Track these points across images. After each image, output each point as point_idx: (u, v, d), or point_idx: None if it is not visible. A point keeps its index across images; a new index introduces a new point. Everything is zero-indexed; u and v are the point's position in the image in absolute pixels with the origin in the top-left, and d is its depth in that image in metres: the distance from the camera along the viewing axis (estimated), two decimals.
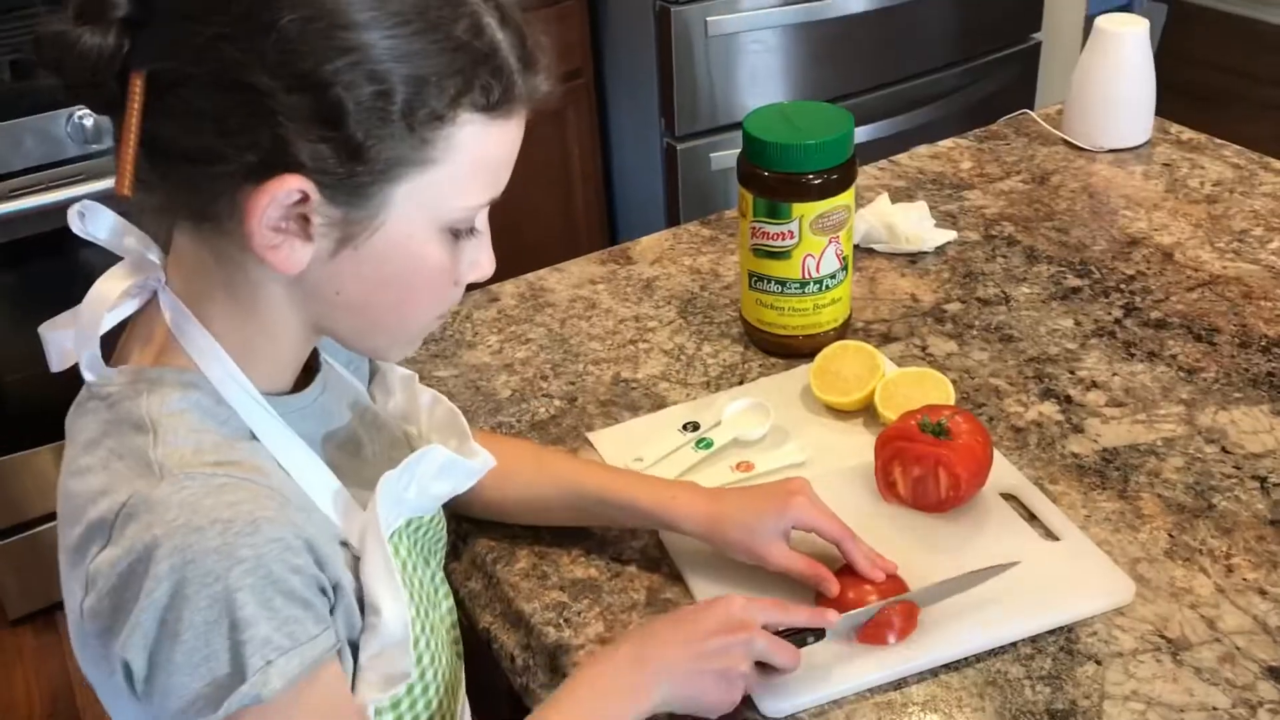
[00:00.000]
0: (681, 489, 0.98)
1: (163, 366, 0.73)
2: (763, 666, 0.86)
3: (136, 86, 0.65)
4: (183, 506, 0.66)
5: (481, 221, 0.76)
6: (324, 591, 0.70)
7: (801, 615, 0.87)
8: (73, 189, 1.91)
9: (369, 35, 0.65)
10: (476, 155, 0.71)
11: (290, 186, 0.66)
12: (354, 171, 0.67)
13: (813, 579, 0.93)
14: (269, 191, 0.66)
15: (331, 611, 0.71)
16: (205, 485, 0.67)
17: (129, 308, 0.75)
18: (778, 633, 0.86)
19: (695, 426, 1.15)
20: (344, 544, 0.76)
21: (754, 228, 1.19)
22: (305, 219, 0.68)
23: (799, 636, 0.87)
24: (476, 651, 0.99)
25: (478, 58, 0.69)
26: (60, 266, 1.86)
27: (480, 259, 0.77)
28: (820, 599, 0.93)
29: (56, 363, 0.75)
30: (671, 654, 0.82)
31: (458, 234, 0.74)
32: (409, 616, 0.75)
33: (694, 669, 0.82)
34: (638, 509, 0.98)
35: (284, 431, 0.75)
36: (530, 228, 2.52)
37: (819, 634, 0.88)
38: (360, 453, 0.84)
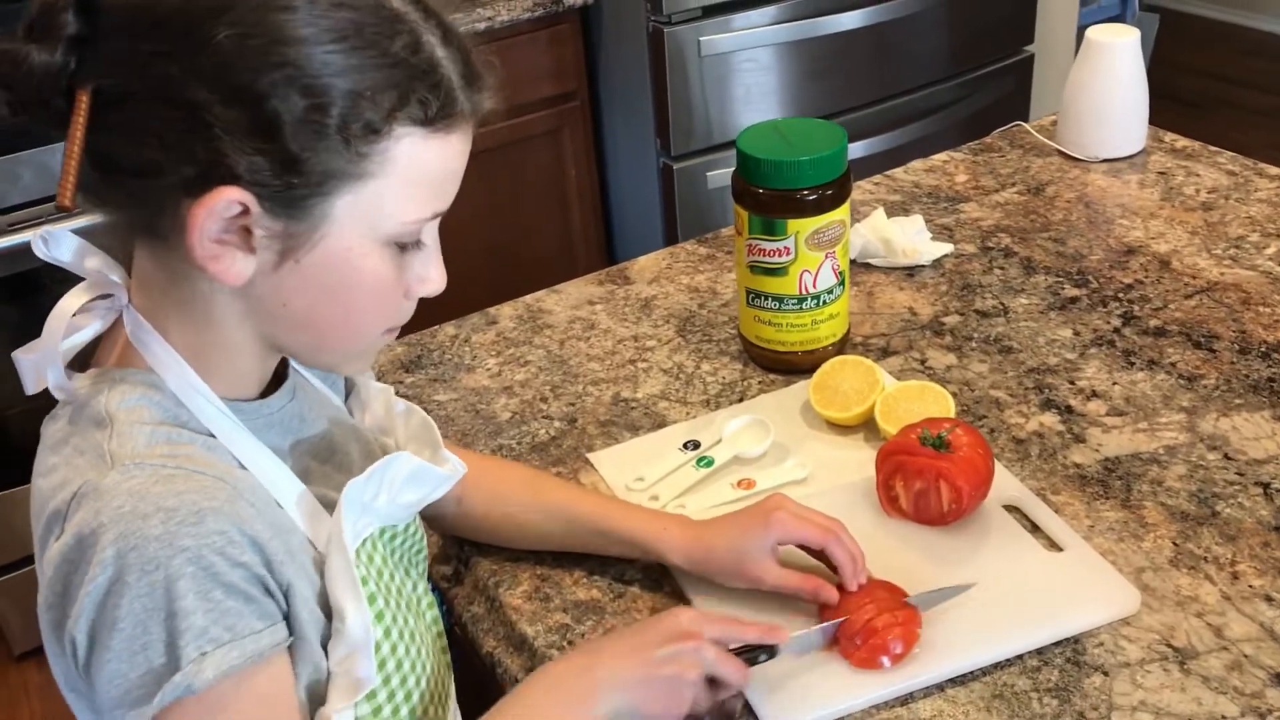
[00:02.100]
0: (672, 521, 0.99)
1: (125, 368, 0.75)
2: (714, 685, 0.86)
3: (82, 102, 0.67)
4: (130, 494, 0.67)
5: (429, 235, 0.77)
6: (269, 592, 0.71)
7: (752, 632, 0.88)
8: (70, 222, 1.91)
9: (304, 50, 0.66)
10: (414, 168, 0.72)
11: (228, 198, 0.67)
12: (290, 184, 0.68)
13: (810, 592, 0.93)
14: (207, 204, 0.67)
15: (287, 615, 0.72)
16: (154, 474, 0.68)
17: (95, 329, 0.76)
18: (731, 651, 0.87)
19: (696, 445, 1.15)
20: (312, 545, 0.76)
21: (750, 244, 1.19)
22: (247, 231, 0.70)
23: (751, 655, 0.87)
24: (481, 673, 0.99)
25: (415, 73, 0.70)
26: (56, 301, 1.87)
27: (429, 274, 0.78)
28: (824, 610, 0.93)
29: (30, 385, 0.76)
30: (620, 662, 0.83)
31: (404, 247, 0.75)
32: (370, 622, 0.75)
33: (641, 676, 0.82)
34: (629, 540, 0.99)
35: (244, 436, 0.76)
36: (528, 248, 2.53)
37: (771, 652, 0.88)
38: (333, 460, 0.85)
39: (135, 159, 0.68)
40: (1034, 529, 1.02)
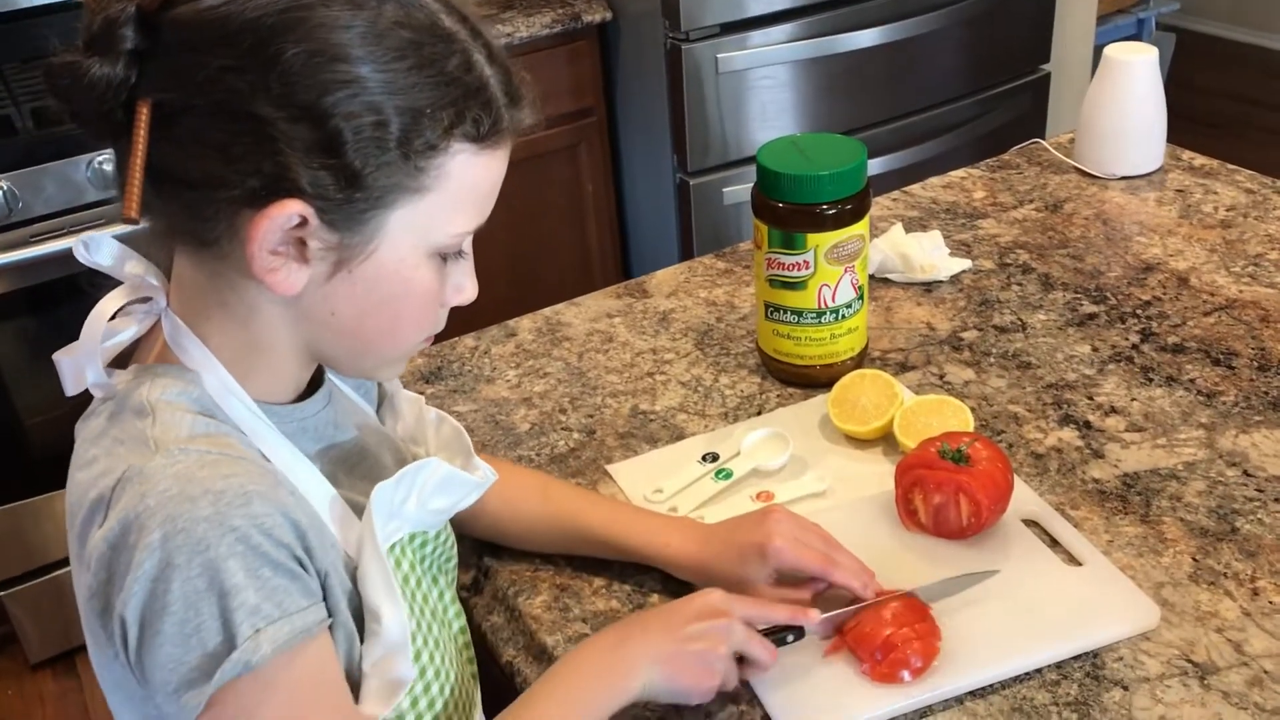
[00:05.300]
0: (675, 532, 1.00)
1: (165, 364, 0.76)
2: (743, 664, 0.88)
3: (143, 114, 0.68)
4: (176, 477, 0.67)
5: (467, 246, 0.79)
6: (309, 572, 0.71)
7: (781, 614, 0.90)
8: (93, 232, 1.93)
9: (366, 69, 0.67)
10: (466, 184, 0.74)
11: (290, 211, 0.69)
12: (352, 198, 0.69)
13: (812, 598, 0.95)
14: (270, 216, 0.68)
15: (325, 599, 0.73)
16: (200, 459, 0.69)
17: (133, 332, 0.77)
18: (760, 632, 0.89)
19: (715, 457, 1.15)
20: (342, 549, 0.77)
21: (769, 259, 1.20)
22: (303, 243, 0.71)
23: (779, 636, 0.90)
24: (500, 682, 0.99)
25: (469, 91, 0.71)
26: (81, 311, 1.89)
27: (464, 283, 0.80)
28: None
29: (71, 386, 0.76)
30: (652, 637, 0.85)
31: (445, 258, 0.77)
32: (406, 619, 0.76)
33: (674, 650, 0.84)
34: (633, 549, 1.01)
35: (276, 438, 0.77)
36: (545, 263, 2.54)
37: (799, 634, 0.90)
38: (363, 467, 0.86)
39: (194, 171, 0.69)
40: (1053, 543, 1.02)
